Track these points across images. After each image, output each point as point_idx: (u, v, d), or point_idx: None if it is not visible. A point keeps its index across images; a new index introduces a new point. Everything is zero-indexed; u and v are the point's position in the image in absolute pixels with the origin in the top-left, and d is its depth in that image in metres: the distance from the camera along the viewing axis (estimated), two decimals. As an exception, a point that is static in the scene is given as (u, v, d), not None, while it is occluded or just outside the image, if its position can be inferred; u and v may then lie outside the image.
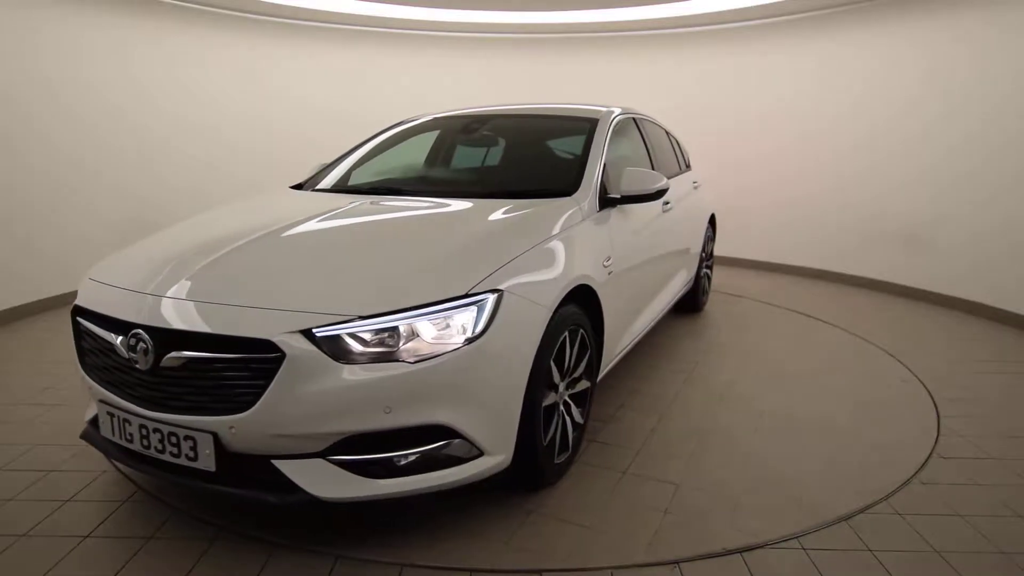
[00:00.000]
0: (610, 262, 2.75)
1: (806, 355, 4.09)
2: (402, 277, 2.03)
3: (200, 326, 1.90)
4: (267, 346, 1.81)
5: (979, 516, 2.30)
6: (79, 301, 2.24)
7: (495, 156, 3.65)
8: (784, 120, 6.41)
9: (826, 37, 6.07)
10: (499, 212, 2.57)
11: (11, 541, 2.09)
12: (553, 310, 2.22)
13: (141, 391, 1.98)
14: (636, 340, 3.42)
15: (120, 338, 2.00)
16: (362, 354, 1.85)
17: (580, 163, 2.98)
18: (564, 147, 3.26)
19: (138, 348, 1.94)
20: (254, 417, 1.82)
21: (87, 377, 2.18)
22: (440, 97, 6.06)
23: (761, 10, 6.17)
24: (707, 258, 4.99)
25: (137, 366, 1.95)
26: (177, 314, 1.96)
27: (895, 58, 5.58)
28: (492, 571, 1.98)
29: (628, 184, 2.91)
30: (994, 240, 4.93)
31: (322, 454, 1.87)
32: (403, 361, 1.86)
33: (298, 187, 3.38)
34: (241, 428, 1.84)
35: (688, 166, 4.82)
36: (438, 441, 1.94)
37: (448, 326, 1.93)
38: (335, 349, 1.83)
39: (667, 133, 4.51)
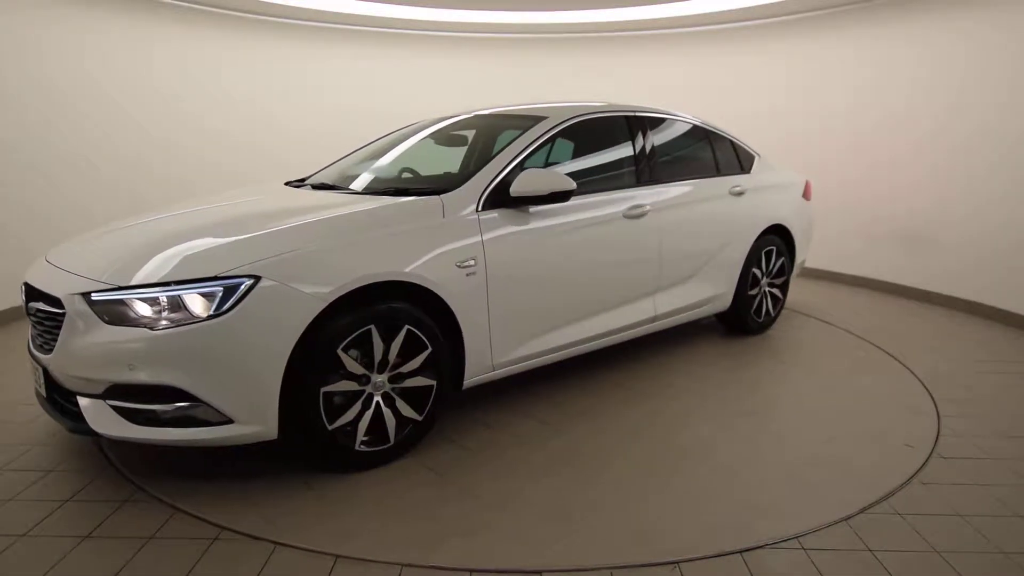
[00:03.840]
0: (472, 264, 2.71)
1: (827, 389, 3.56)
2: (180, 256, 2.33)
3: (35, 282, 2.47)
4: (59, 303, 2.29)
5: (979, 516, 2.31)
6: (28, 269, 2.74)
7: (446, 156, 3.77)
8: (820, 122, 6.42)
9: (818, 37, 6.06)
10: (340, 207, 2.68)
11: (11, 541, 2.09)
12: (330, 302, 2.32)
13: (31, 331, 2.56)
14: (578, 352, 3.27)
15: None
16: (130, 318, 2.20)
17: (481, 162, 3.01)
18: (506, 146, 3.16)
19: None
20: (54, 358, 2.32)
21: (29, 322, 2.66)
22: (450, 97, 6.08)
23: (747, 12, 6.21)
24: (769, 275, 4.44)
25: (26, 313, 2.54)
26: (34, 273, 2.55)
27: (895, 58, 5.58)
28: (492, 571, 1.99)
29: (520, 185, 2.83)
30: (996, 239, 4.93)
31: (103, 397, 2.24)
32: (147, 328, 2.16)
33: (290, 183, 3.61)
34: (52, 366, 2.34)
35: (744, 169, 4.35)
36: (180, 402, 2.20)
37: (197, 302, 2.19)
38: (107, 311, 2.21)
39: (708, 134, 4.22)
